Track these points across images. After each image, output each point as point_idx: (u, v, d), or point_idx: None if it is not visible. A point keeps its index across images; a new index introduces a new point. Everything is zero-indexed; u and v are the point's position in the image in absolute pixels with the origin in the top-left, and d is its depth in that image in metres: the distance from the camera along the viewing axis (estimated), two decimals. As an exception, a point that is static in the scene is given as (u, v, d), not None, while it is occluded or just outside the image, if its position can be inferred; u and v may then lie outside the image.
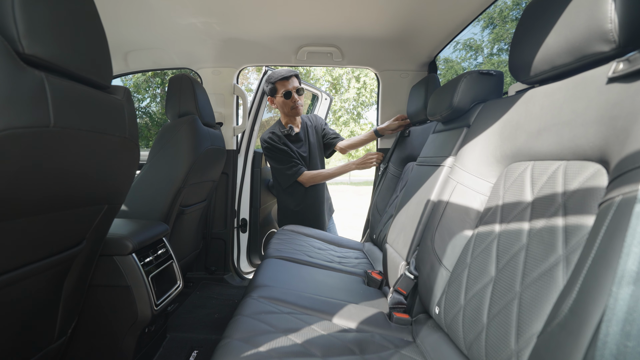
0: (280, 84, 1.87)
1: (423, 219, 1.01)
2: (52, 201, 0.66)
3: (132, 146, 0.82)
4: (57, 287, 0.84)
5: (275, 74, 1.88)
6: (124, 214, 1.41)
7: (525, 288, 0.56)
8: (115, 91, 0.77)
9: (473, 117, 0.97)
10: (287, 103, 1.89)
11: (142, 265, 1.07)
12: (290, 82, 1.87)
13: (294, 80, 1.89)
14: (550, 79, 0.70)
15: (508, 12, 8.98)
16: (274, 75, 1.88)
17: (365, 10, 1.45)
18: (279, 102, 1.92)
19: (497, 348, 0.57)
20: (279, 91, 1.88)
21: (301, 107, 1.92)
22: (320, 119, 2.19)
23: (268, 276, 1.17)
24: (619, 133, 0.47)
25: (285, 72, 1.87)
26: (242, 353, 0.68)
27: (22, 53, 0.52)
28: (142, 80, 9.61)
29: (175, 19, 1.55)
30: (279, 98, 1.90)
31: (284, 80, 1.86)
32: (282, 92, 1.87)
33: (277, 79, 1.86)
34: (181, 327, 1.53)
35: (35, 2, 0.54)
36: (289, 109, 1.91)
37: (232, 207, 2.12)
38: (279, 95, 1.89)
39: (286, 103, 1.89)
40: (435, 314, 0.81)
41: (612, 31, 0.53)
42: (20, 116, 0.51)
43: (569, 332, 0.41)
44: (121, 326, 1.06)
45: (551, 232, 0.55)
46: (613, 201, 0.43)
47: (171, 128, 1.45)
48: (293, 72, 1.89)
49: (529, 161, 0.70)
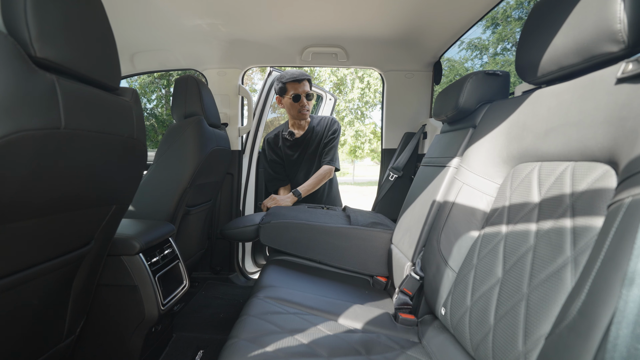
0: (291, 85, 1.83)
1: (429, 220, 1.01)
2: (61, 202, 0.67)
3: (140, 147, 0.82)
4: (66, 286, 0.85)
5: (288, 74, 1.84)
6: (131, 214, 1.42)
7: (532, 289, 0.56)
8: (123, 93, 0.78)
9: (479, 117, 0.96)
10: (295, 106, 1.86)
11: (149, 265, 1.08)
12: (302, 86, 1.84)
13: (306, 84, 1.85)
14: (557, 80, 0.69)
15: (510, 12, 8.94)
16: (286, 75, 1.84)
17: (370, 11, 1.44)
18: (287, 103, 1.89)
19: (504, 349, 0.57)
20: (288, 92, 1.85)
21: (308, 112, 1.89)
22: (333, 126, 2.00)
23: (274, 277, 1.18)
24: (628, 134, 0.47)
25: (298, 74, 1.83)
26: (249, 353, 0.69)
27: (34, 56, 0.53)
28: (148, 81, 9.68)
29: (181, 21, 1.56)
30: (287, 99, 1.87)
31: (295, 82, 1.83)
32: (292, 94, 1.84)
33: (288, 79, 1.82)
34: (187, 326, 1.54)
35: (47, 6, 0.55)
36: (295, 112, 1.88)
37: (237, 207, 2.13)
38: (288, 96, 1.86)
39: (293, 105, 1.87)
40: (441, 315, 0.80)
41: (621, 31, 0.53)
42: (32, 118, 0.52)
43: (577, 334, 0.41)
44: (128, 325, 1.07)
45: (559, 233, 0.55)
46: (622, 202, 0.42)
47: (177, 129, 1.46)
48: (306, 75, 1.85)
49: (536, 162, 0.69)
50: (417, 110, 1.98)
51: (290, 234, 1.38)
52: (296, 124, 1.98)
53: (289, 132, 1.94)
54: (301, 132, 1.99)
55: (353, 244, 1.31)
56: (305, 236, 1.36)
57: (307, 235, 1.36)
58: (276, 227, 1.41)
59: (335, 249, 1.32)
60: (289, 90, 1.85)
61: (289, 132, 1.94)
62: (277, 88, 1.89)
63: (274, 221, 1.42)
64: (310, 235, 1.35)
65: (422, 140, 1.82)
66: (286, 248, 1.38)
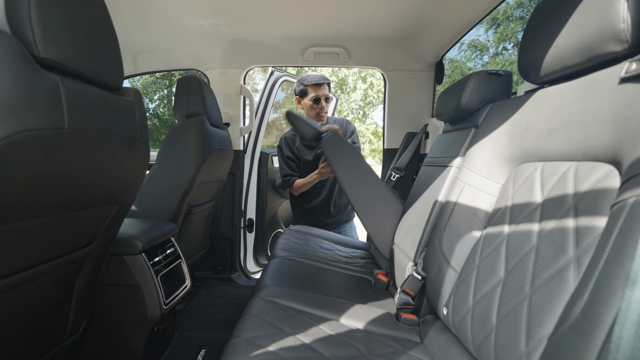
0: (312, 88, 1.90)
1: (431, 220, 1.01)
2: (64, 202, 0.68)
3: (142, 147, 0.83)
4: (69, 286, 0.85)
5: (310, 77, 1.91)
6: (133, 213, 1.42)
7: (535, 290, 0.56)
8: (126, 93, 0.78)
9: (481, 117, 0.96)
10: (314, 108, 1.92)
11: (152, 265, 1.09)
12: (322, 89, 1.91)
13: (326, 88, 1.93)
14: (560, 79, 0.69)
15: (511, 12, 8.91)
16: (308, 78, 1.91)
17: (372, 11, 1.44)
18: (306, 105, 1.95)
19: (506, 350, 0.57)
20: (308, 94, 1.92)
21: (326, 114, 1.96)
22: (350, 126, 2.12)
23: (275, 276, 1.18)
24: (632, 134, 0.47)
25: (319, 78, 1.90)
26: (251, 352, 0.69)
27: (37, 56, 0.53)
28: (150, 81, 9.71)
29: (183, 21, 1.57)
30: (307, 101, 1.94)
31: (316, 85, 1.90)
32: (312, 97, 1.91)
33: (310, 82, 1.89)
34: (189, 326, 1.55)
35: (51, 7, 0.55)
36: (314, 114, 1.94)
37: (239, 207, 2.13)
38: (308, 98, 1.92)
39: (313, 107, 1.93)
40: (443, 315, 0.80)
41: (624, 31, 0.52)
42: (36, 118, 0.52)
43: (580, 335, 0.41)
44: (131, 325, 1.08)
45: (562, 233, 0.55)
46: (626, 203, 0.42)
47: (179, 129, 1.47)
48: (326, 79, 1.92)
49: (538, 162, 0.69)
50: (419, 110, 1.98)
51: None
52: None
53: None
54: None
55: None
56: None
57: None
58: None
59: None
60: (310, 92, 1.91)
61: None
62: (298, 90, 1.95)
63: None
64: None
65: (424, 140, 1.82)
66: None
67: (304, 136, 1.52)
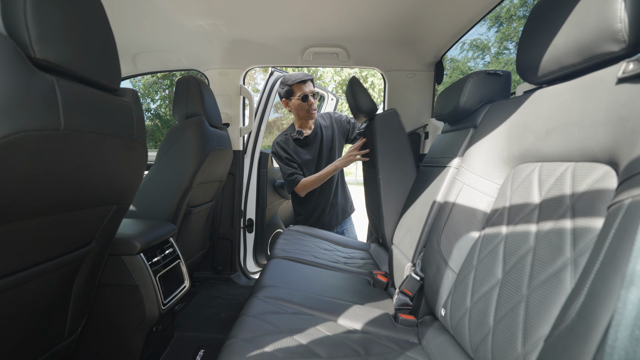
0: (298, 86, 1.88)
1: (429, 220, 1.00)
2: (62, 202, 0.68)
3: (140, 148, 0.83)
4: (68, 286, 0.85)
5: (292, 76, 1.89)
6: (132, 214, 1.43)
7: (532, 291, 0.55)
8: (123, 93, 0.78)
9: (480, 117, 0.96)
10: (303, 106, 1.90)
11: (150, 265, 1.09)
12: (307, 86, 1.89)
13: (310, 85, 1.91)
14: (558, 80, 0.69)
15: (515, 11, 8.88)
16: (291, 78, 1.89)
17: (371, 11, 1.44)
18: (295, 105, 1.92)
19: (503, 351, 0.57)
20: (295, 94, 1.89)
21: (315, 111, 1.93)
22: (342, 116, 2.11)
23: (274, 276, 1.18)
24: (629, 134, 0.46)
25: (303, 76, 1.88)
26: (248, 353, 0.69)
27: (33, 57, 0.53)
28: (151, 82, 9.73)
29: (183, 21, 1.57)
30: (295, 101, 1.90)
31: (301, 83, 1.87)
32: (300, 95, 1.88)
33: (294, 81, 1.87)
34: (188, 326, 1.55)
35: (47, 8, 0.55)
36: (304, 112, 1.92)
37: (238, 208, 2.13)
38: (296, 97, 1.89)
39: (302, 106, 1.90)
40: (441, 316, 0.80)
41: (621, 31, 0.52)
42: (32, 119, 0.52)
43: (576, 336, 0.41)
44: (129, 325, 1.08)
45: (559, 234, 0.55)
46: (622, 204, 0.42)
47: (179, 129, 1.47)
48: (309, 76, 1.90)
49: (536, 162, 0.69)
50: (419, 110, 1.98)
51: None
52: (304, 124, 2.00)
53: (298, 131, 1.96)
54: (309, 131, 2.01)
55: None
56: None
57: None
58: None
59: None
60: (296, 91, 1.89)
61: (297, 132, 1.95)
62: (284, 91, 1.92)
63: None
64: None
65: (424, 140, 1.82)
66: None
67: (361, 105, 1.49)
